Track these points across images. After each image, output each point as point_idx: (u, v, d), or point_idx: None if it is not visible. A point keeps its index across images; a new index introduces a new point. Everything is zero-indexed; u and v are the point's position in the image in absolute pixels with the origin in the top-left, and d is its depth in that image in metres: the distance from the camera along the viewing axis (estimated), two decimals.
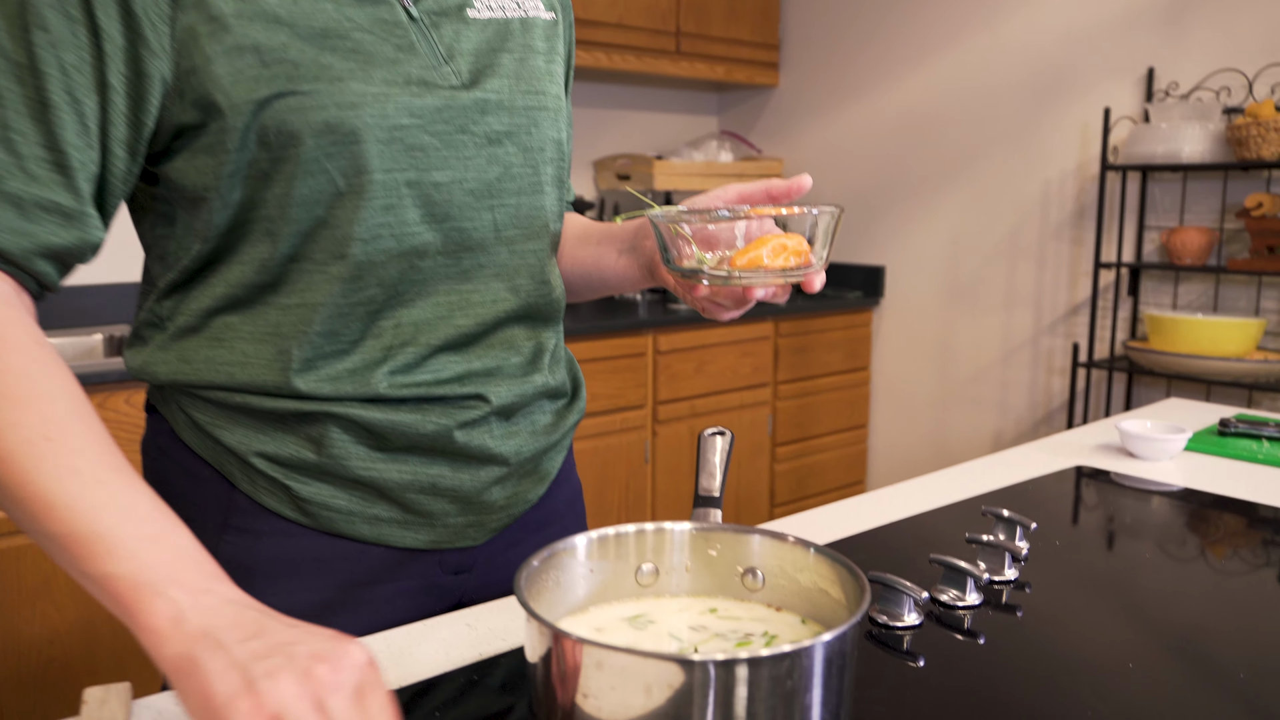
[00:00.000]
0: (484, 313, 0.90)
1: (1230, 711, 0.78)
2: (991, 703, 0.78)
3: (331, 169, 0.81)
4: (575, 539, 0.77)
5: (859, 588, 0.68)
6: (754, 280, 0.86)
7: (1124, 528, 1.21)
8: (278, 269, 0.84)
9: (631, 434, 3.10)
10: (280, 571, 0.89)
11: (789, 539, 0.77)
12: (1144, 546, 1.15)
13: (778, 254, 0.84)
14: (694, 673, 0.59)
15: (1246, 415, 1.68)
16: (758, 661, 0.59)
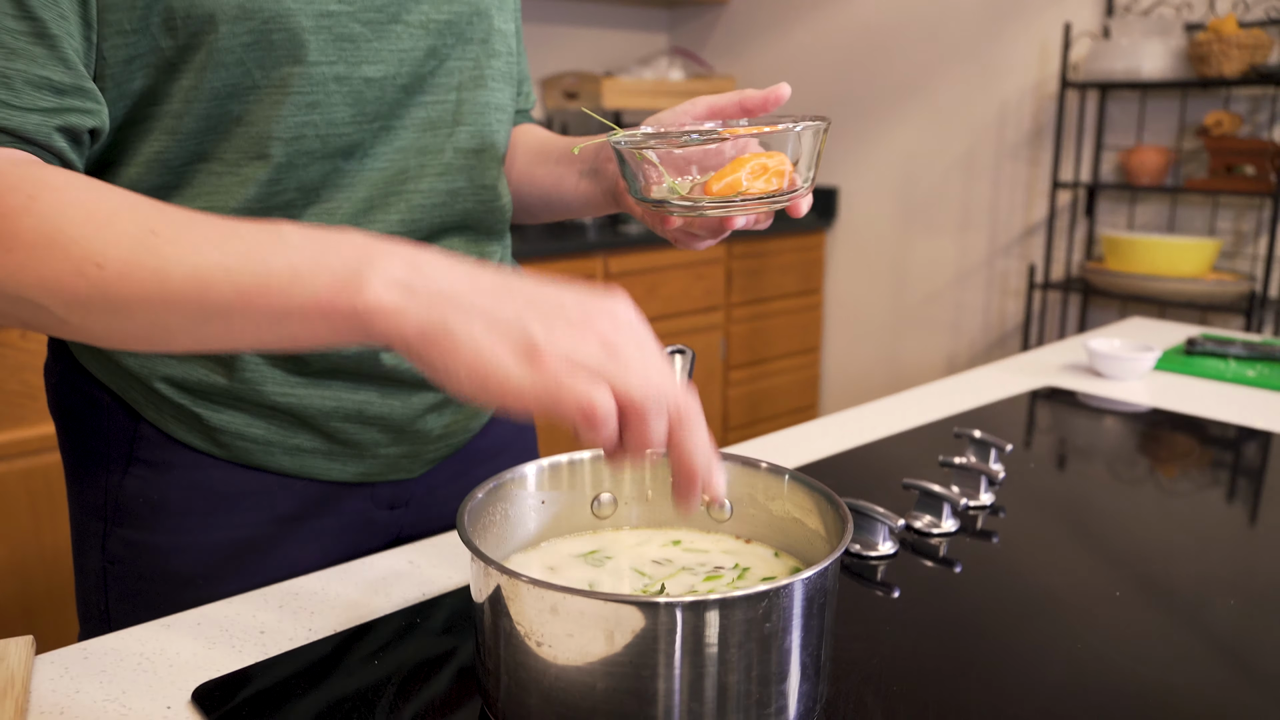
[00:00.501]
0: (417, 219, 0.81)
1: (1215, 633, 0.73)
2: (974, 636, 0.73)
3: (249, 60, 0.71)
4: (525, 468, 0.70)
5: (839, 519, 0.61)
6: (733, 209, 0.75)
7: (1097, 450, 1.17)
8: (182, 171, 0.73)
9: None
10: (194, 507, 0.81)
11: (761, 464, 0.70)
12: (1119, 468, 1.10)
13: (757, 175, 0.73)
14: (660, 616, 0.52)
15: (1212, 335, 1.64)
16: (731, 602, 0.53)
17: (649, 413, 0.52)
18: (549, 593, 0.53)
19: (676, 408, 0.54)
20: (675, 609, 0.52)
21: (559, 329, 0.52)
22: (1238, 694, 0.67)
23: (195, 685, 0.65)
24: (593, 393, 0.51)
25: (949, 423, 1.23)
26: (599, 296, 0.55)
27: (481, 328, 0.52)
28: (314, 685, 0.65)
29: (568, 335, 0.52)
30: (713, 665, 0.53)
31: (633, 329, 0.54)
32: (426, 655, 0.69)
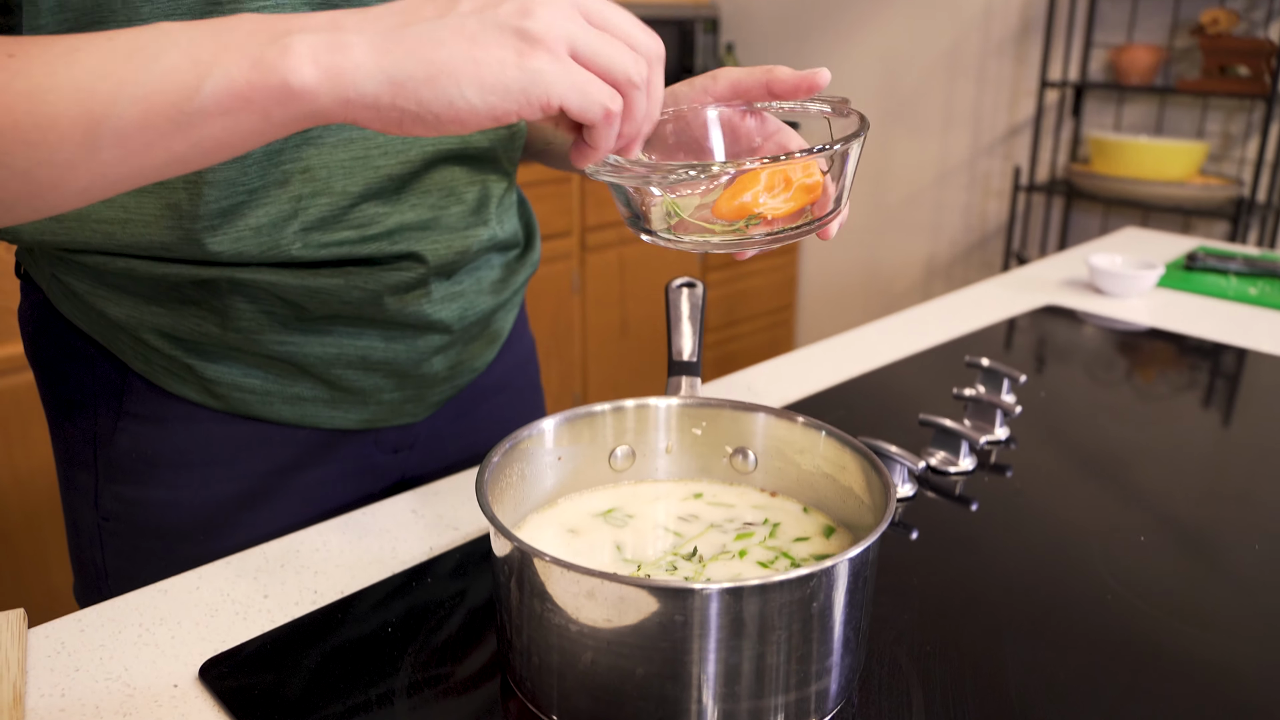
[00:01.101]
0: (412, 152, 0.74)
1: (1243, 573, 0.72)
2: (1000, 585, 0.71)
3: None
4: (543, 424, 0.66)
5: (883, 485, 0.58)
6: (747, 244, 0.60)
7: (1105, 375, 1.15)
8: None
9: (558, 263, 2.96)
10: (191, 460, 0.77)
11: (798, 419, 0.67)
12: (1129, 395, 1.08)
13: (777, 191, 0.58)
14: (705, 602, 0.49)
15: (1212, 249, 1.61)
16: (779, 586, 0.50)
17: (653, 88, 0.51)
18: (586, 578, 0.50)
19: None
20: (722, 595, 0.49)
21: (529, 5, 0.47)
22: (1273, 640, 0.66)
23: (200, 659, 0.62)
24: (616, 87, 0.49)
25: (954, 347, 1.20)
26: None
27: (456, 41, 0.47)
28: (325, 658, 0.62)
29: (547, 12, 0.47)
30: (756, 648, 0.51)
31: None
32: (439, 622, 0.66)
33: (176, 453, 0.76)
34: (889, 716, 0.58)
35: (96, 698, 0.58)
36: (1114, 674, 0.62)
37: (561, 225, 2.95)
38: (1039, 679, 0.61)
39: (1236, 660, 0.64)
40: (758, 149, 0.64)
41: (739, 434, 0.70)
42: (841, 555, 0.51)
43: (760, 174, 0.59)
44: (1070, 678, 0.62)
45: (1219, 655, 0.65)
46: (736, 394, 1.06)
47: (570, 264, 3.00)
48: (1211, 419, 1.03)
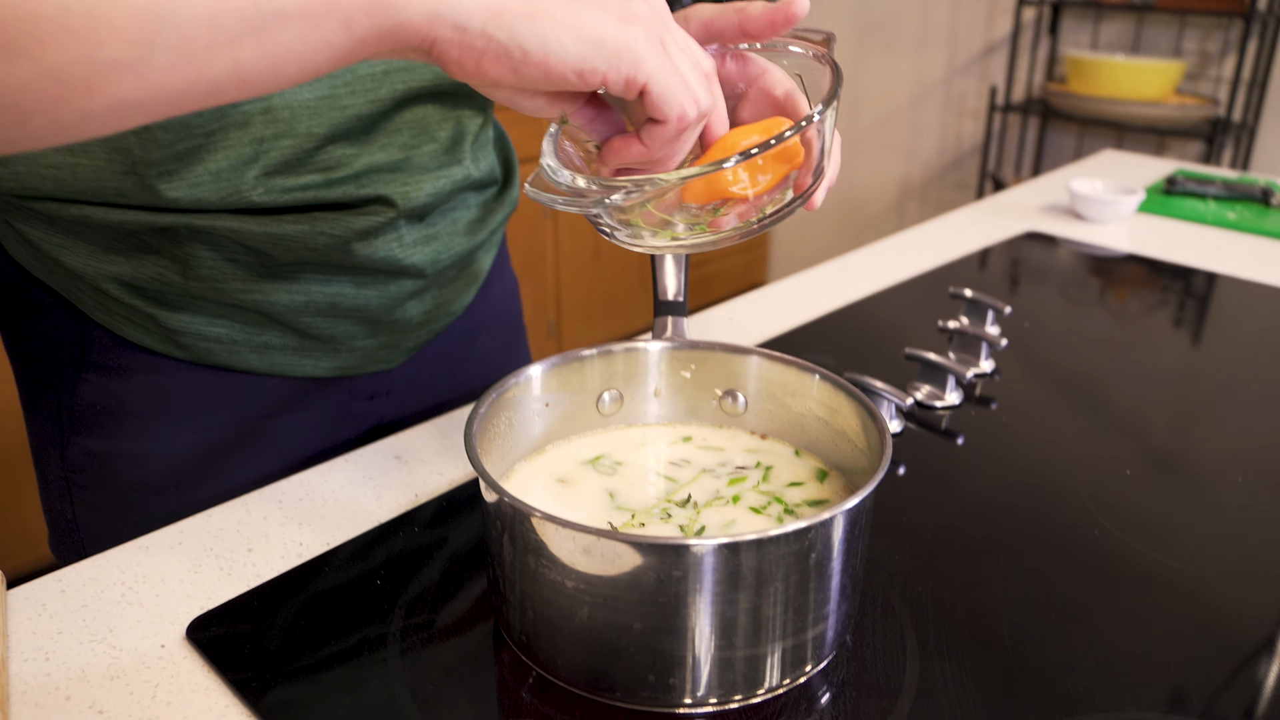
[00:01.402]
0: (383, 90, 0.71)
1: (1228, 512, 0.73)
2: (988, 521, 0.71)
3: None
4: (530, 371, 0.64)
5: (879, 433, 0.57)
6: (725, 239, 0.55)
7: (1087, 304, 1.14)
8: None
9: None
10: (157, 412, 0.75)
11: (791, 362, 0.66)
12: (1111, 324, 1.08)
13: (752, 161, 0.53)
14: (703, 558, 0.48)
15: (1190, 173, 1.61)
16: (776, 540, 0.49)
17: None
18: (582, 535, 0.49)
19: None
20: (720, 551, 0.48)
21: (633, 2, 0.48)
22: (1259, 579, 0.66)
23: (186, 618, 0.61)
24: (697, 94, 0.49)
25: (936, 276, 1.19)
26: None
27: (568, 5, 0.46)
28: (313, 614, 0.61)
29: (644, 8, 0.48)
30: (753, 600, 0.50)
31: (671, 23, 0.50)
32: (428, 574, 0.65)
33: (142, 404, 0.74)
34: (884, 660, 0.58)
35: (82, 661, 0.57)
36: (1103, 611, 0.62)
37: (534, 149, 2.89)
38: (1030, 618, 0.62)
39: (1220, 594, 0.65)
40: (741, 96, 0.61)
41: (729, 376, 0.69)
42: (838, 507, 0.50)
43: (738, 138, 0.55)
44: (1060, 617, 0.62)
45: (1204, 590, 0.65)
46: (718, 329, 1.05)
47: None
48: (1193, 349, 1.03)
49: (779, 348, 0.98)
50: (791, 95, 0.59)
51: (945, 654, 0.58)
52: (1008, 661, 0.58)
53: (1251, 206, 1.44)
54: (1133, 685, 0.56)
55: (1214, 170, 1.66)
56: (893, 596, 0.63)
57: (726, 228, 0.55)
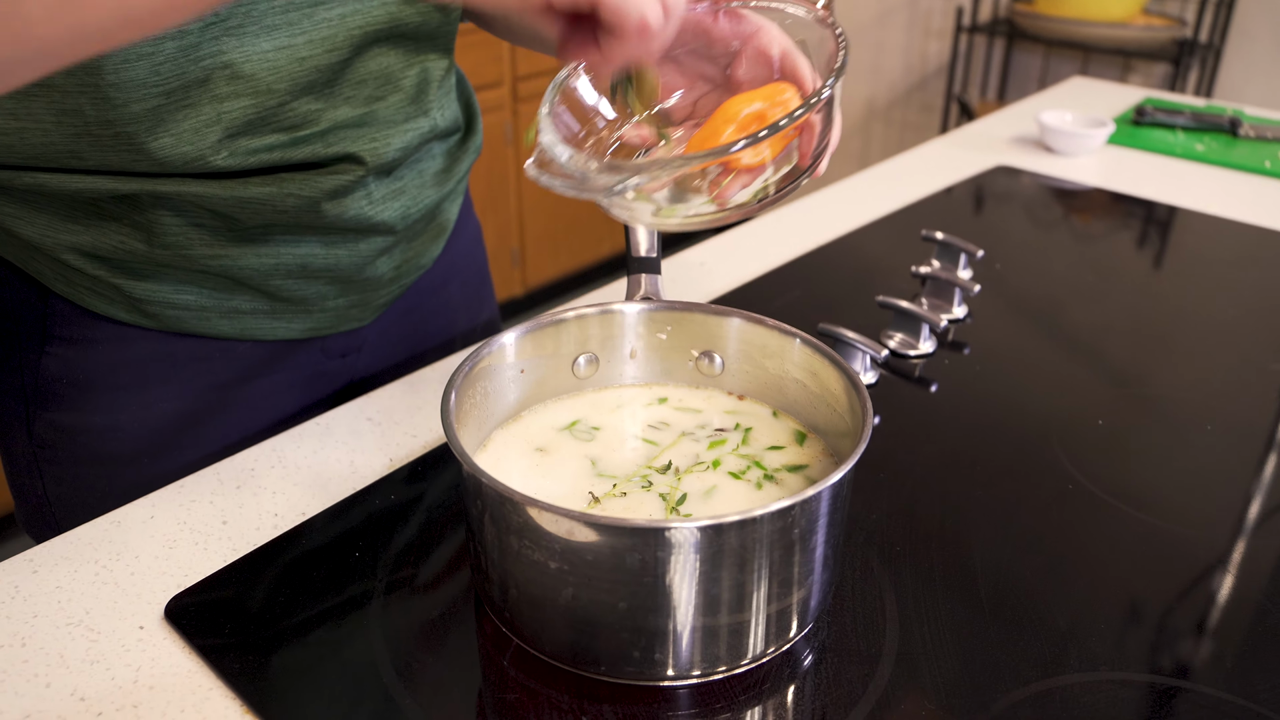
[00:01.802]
0: (339, 37, 0.67)
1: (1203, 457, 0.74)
2: (964, 475, 0.72)
3: None
4: (503, 338, 0.63)
5: (860, 401, 0.57)
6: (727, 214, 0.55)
7: (1061, 243, 1.14)
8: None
9: (489, 115, 2.86)
10: (125, 383, 0.73)
11: (772, 324, 0.65)
12: (1085, 265, 1.08)
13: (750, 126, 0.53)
14: (688, 539, 0.48)
15: (1159, 102, 1.60)
16: (760, 520, 0.49)
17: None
18: (565, 520, 0.48)
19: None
20: (704, 532, 0.48)
21: None
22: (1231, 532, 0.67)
23: (163, 596, 0.60)
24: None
25: (908, 215, 1.18)
26: None
27: None
28: (291, 589, 0.61)
29: None
30: (737, 577, 0.50)
31: None
32: (407, 544, 0.64)
33: (110, 376, 0.72)
34: (864, 624, 0.59)
35: (60, 645, 0.57)
36: (1077, 570, 0.63)
37: (492, 75, 2.83)
38: (1006, 578, 0.62)
39: (1193, 550, 0.66)
40: (736, 55, 0.59)
41: (706, 337, 0.68)
42: (821, 484, 0.50)
43: (736, 110, 0.54)
44: (1035, 577, 0.63)
45: (1175, 546, 0.66)
46: (689, 274, 1.04)
47: (503, 115, 2.90)
48: (1164, 290, 1.04)
49: (752, 294, 0.98)
50: (788, 55, 0.58)
51: (924, 617, 0.59)
52: (985, 622, 0.59)
53: (1219, 137, 1.44)
54: (1106, 644, 0.58)
55: (1182, 99, 1.65)
56: (871, 557, 0.64)
57: (733, 203, 0.54)
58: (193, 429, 0.76)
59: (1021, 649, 0.57)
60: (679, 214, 0.56)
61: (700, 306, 0.67)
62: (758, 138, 0.49)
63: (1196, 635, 0.59)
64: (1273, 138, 1.42)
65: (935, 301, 0.95)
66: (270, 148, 0.67)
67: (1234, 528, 0.68)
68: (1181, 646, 0.58)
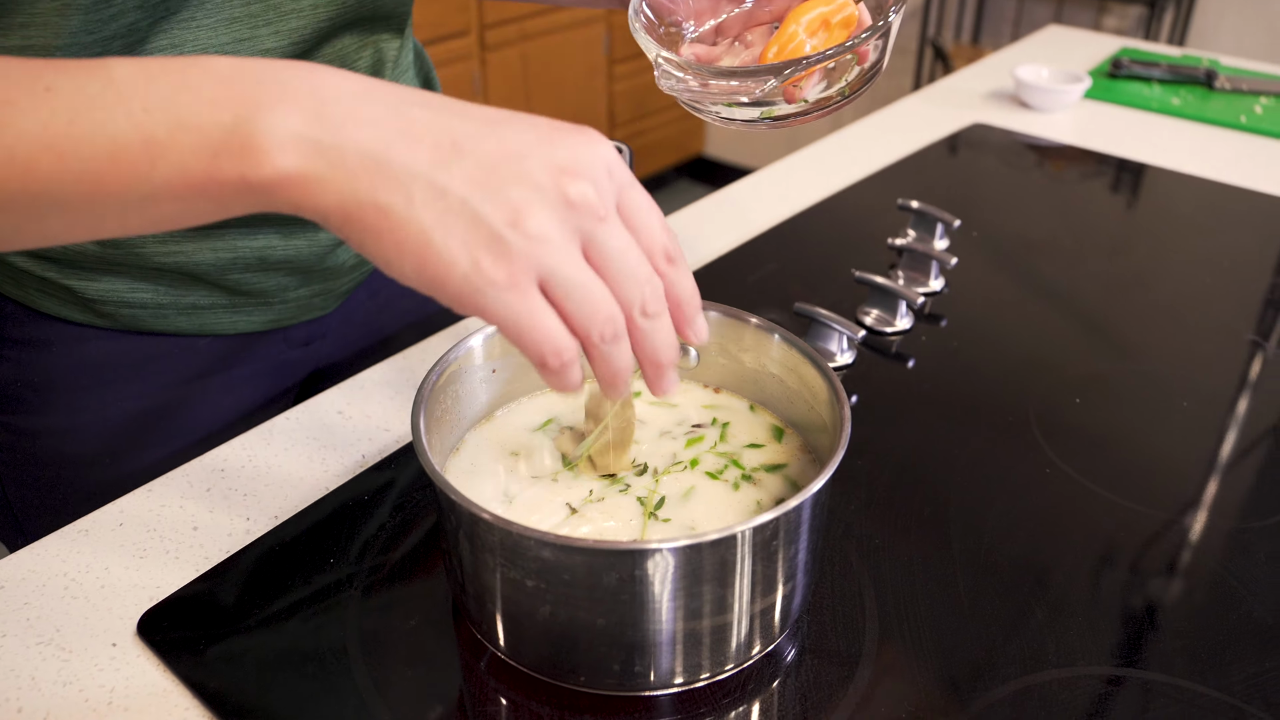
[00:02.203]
0: (308, 28, 0.66)
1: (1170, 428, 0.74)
2: (942, 460, 0.72)
3: None
4: (470, 341, 0.62)
5: (839, 405, 0.56)
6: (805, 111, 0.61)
7: (1038, 206, 1.13)
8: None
9: (456, 65, 2.80)
10: (83, 384, 0.71)
11: (751, 320, 0.64)
12: (1063, 230, 1.07)
13: (818, 34, 0.59)
14: (667, 558, 0.48)
15: (1135, 53, 1.58)
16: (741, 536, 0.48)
17: (646, 332, 0.45)
18: (542, 543, 0.48)
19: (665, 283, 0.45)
20: (682, 551, 0.48)
21: (525, 207, 0.40)
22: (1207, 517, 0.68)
23: (135, 610, 0.59)
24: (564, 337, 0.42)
25: (884, 178, 1.16)
26: (567, 139, 0.42)
27: (426, 207, 0.39)
28: (267, 601, 0.60)
29: (538, 216, 0.40)
30: (717, 591, 0.50)
31: (618, 186, 0.43)
32: (384, 549, 0.64)
33: (68, 377, 0.71)
34: (844, 624, 0.58)
35: (31, 667, 0.56)
36: (1056, 559, 0.64)
37: (458, 24, 2.77)
38: (985, 571, 0.62)
39: (1171, 537, 0.66)
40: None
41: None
42: (801, 496, 0.50)
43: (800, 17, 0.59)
44: (1014, 568, 0.63)
45: (1154, 531, 0.66)
46: None
47: (470, 65, 2.84)
48: (1140, 256, 1.03)
49: (728, 268, 0.96)
50: None
51: (904, 614, 0.59)
52: (964, 617, 0.59)
53: (1195, 90, 1.43)
54: (1082, 638, 0.58)
55: (1157, 48, 1.63)
56: (850, 551, 0.64)
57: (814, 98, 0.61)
58: (155, 427, 0.75)
59: (1000, 645, 0.57)
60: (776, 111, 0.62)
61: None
62: (878, 28, 0.57)
63: (1173, 627, 0.59)
64: (1248, 90, 1.41)
65: (911, 274, 0.94)
66: None
67: (1213, 515, 0.68)
68: (1158, 639, 0.58)
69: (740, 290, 0.92)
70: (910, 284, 0.93)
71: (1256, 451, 0.74)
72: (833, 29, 0.59)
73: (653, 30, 0.63)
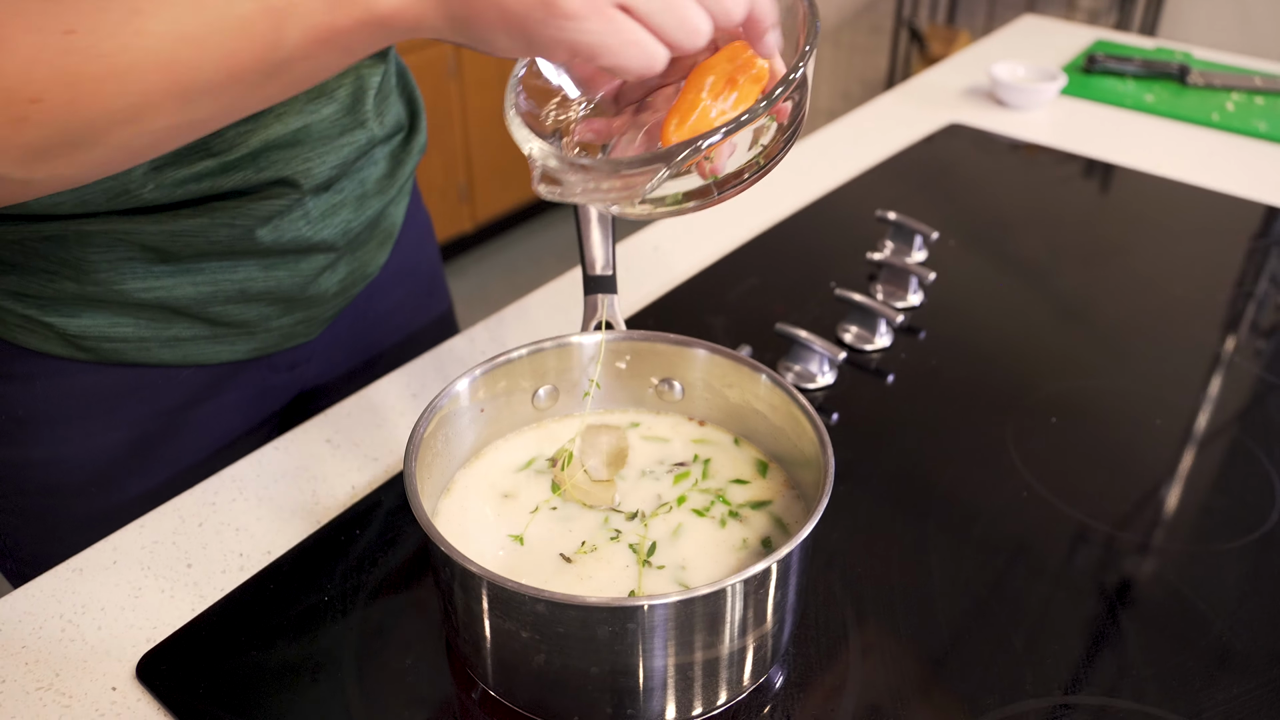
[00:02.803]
0: None
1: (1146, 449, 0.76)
2: (920, 476, 0.73)
3: None
4: (458, 386, 0.63)
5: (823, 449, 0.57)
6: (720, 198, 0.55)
7: (1015, 212, 1.15)
8: None
9: (431, 49, 2.78)
10: (68, 415, 0.72)
11: (741, 359, 0.64)
12: (1040, 236, 1.09)
13: (723, 96, 0.52)
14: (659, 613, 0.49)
15: (1109, 46, 1.59)
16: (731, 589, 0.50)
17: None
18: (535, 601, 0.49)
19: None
20: (674, 606, 0.49)
21: None
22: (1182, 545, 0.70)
23: (133, 651, 0.60)
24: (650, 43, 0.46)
25: (862, 184, 1.17)
26: None
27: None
28: (264, 638, 0.61)
29: None
30: (708, 638, 0.52)
31: None
32: (378, 586, 0.65)
33: (51, 410, 0.71)
34: (828, 655, 0.60)
35: (32, 712, 0.57)
36: (1033, 586, 0.65)
37: (439, 96, 2.75)
38: (964, 598, 0.64)
39: (1144, 561, 0.68)
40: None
41: (666, 365, 0.68)
42: (787, 546, 0.51)
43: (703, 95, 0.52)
44: (992, 595, 0.65)
45: (1128, 556, 0.68)
46: (642, 260, 1.03)
47: (445, 48, 2.81)
48: (1114, 264, 1.05)
49: (709, 284, 0.97)
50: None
51: (886, 645, 0.61)
52: (944, 647, 0.61)
53: (1168, 85, 1.44)
54: (1058, 668, 0.60)
55: (1131, 41, 1.65)
56: (833, 581, 0.65)
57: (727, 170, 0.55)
58: (141, 457, 0.75)
59: (979, 675, 0.59)
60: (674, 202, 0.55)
61: (661, 337, 0.67)
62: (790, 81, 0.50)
63: (1146, 654, 0.61)
64: (1220, 86, 1.43)
65: (890, 289, 0.95)
66: (199, 176, 0.65)
67: (1185, 538, 0.70)
68: (1131, 666, 0.60)
69: (719, 308, 0.93)
70: (889, 298, 0.94)
71: (1229, 471, 0.76)
72: (741, 86, 0.52)
73: (534, 121, 0.54)
